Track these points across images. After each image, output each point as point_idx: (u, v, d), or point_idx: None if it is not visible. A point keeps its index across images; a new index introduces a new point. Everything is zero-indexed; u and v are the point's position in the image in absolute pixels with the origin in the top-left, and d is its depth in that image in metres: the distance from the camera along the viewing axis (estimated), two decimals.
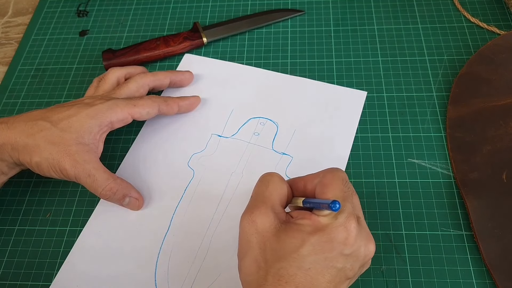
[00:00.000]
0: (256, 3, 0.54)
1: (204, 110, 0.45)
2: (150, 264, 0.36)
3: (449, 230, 0.37)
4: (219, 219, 0.38)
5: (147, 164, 0.42)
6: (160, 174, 0.41)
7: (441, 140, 0.42)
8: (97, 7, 0.56)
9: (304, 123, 0.43)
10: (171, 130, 0.44)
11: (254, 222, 0.29)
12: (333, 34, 0.50)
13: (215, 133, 0.43)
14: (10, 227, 0.40)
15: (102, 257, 0.37)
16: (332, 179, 0.30)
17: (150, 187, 0.40)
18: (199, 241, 0.37)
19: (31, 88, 0.49)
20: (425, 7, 0.52)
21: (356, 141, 0.42)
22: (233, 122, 0.44)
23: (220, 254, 0.36)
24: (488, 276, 0.35)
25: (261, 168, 0.40)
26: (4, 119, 0.37)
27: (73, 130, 0.36)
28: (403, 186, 0.39)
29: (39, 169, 0.36)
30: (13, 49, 0.53)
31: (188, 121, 0.44)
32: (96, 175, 0.36)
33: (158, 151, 0.43)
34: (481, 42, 0.48)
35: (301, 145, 0.42)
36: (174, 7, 0.55)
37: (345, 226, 0.27)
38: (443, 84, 0.45)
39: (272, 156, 0.42)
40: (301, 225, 0.28)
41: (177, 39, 0.49)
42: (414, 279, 0.35)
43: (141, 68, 0.46)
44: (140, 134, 0.44)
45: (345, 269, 0.28)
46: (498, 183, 0.38)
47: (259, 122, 0.44)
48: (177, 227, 0.38)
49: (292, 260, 0.27)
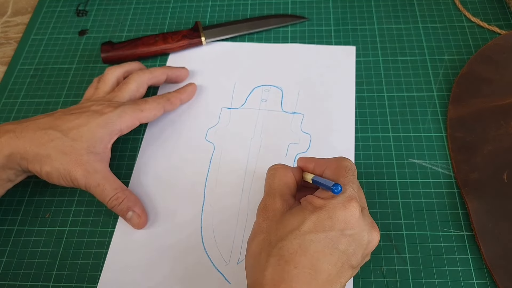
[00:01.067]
0: (256, 3, 0.54)
1: (208, 88, 0.47)
2: (195, 236, 0.38)
3: (449, 231, 0.37)
4: (251, 181, 0.40)
5: (166, 147, 0.43)
6: (181, 154, 0.42)
7: (442, 140, 0.42)
8: (97, 7, 0.56)
9: (306, 83, 0.46)
10: (180, 112, 0.45)
11: (266, 210, 0.31)
12: (333, 34, 0.50)
13: (224, 106, 0.45)
14: (9, 227, 0.40)
15: (146, 238, 0.38)
16: (335, 168, 0.32)
17: (174, 168, 0.41)
18: (237, 205, 0.39)
19: (30, 87, 0.49)
20: (426, 6, 0.52)
21: (356, 141, 0.42)
22: (238, 94, 0.46)
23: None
24: (489, 276, 0.35)
25: (277, 129, 0.43)
26: (10, 127, 0.37)
27: (84, 140, 0.36)
28: (403, 186, 0.39)
29: (49, 177, 0.36)
30: (12, 48, 0.53)
31: (195, 101, 0.46)
32: (105, 185, 0.36)
33: (172, 132, 0.44)
34: (482, 42, 0.48)
35: (308, 102, 0.45)
36: (174, 7, 0.55)
37: (344, 205, 0.28)
38: (444, 84, 0.45)
39: (284, 116, 0.44)
40: (303, 206, 0.29)
41: (176, 36, 0.49)
42: (414, 279, 0.35)
43: (138, 64, 0.46)
44: (150, 123, 0.45)
45: (347, 253, 0.28)
46: (499, 183, 0.38)
47: (263, 89, 0.46)
48: (212, 197, 0.40)
49: (293, 237, 0.28)
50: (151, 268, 0.36)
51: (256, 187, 0.40)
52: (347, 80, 0.46)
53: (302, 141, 0.42)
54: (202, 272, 0.36)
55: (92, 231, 0.39)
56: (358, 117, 0.44)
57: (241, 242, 0.37)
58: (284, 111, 0.44)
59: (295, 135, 0.43)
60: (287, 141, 0.42)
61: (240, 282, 0.35)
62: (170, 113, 0.45)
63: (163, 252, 0.37)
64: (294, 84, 0.46)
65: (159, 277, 0.36)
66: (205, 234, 0.38)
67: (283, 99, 0.45)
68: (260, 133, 0.43)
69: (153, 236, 0.38)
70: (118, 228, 0.39)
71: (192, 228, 0.38)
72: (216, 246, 0.37)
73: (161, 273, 0.36)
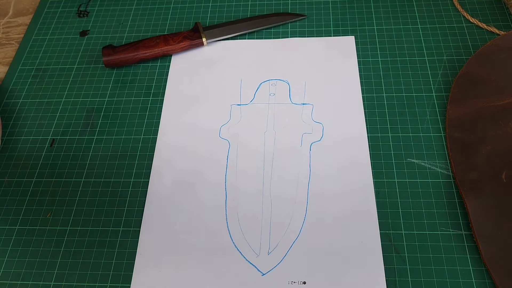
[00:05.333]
0: (256, 4, 0.54)
1: (215, 87, 0.47)
2: (222, 232, 0.38)
3: (448, 230, 0.37)
4: (270, 174, 0.41)
5: (181, 148, 0.43)
6: (197, 153, 0.43)
7: (441, 140, 0.42)
8: (98, 8, 0.56)
9: (311, 74, 0.47)
10: (192, 112, 0.46)
11: None
12: (333, 35, 0.50)
13: (234, 103, 0.46)
14: (11, 227, 0.40)
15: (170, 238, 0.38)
16: None
17: (192, 168, 0.42)
18: (260, 197, 0.40)
19: (31, 88, 0.49)
20: (425, 7, 0.52)
21: None
22: (246, 91, 0.47)
23: (284, 203, 0.39)
24: (487, 275, 0.35)
25: (289, 121, 0.44)
26: None
27: None
28: (402, 186, 0.40)
29: None
30: (14, 49, 0.53)
31: (204, 101, 0.46)
32: None
33: (186, 133, 0.44)
34: (481, 43, 0.48)
35: (316, 93, 0.46)
36: (174, 8, 0.55)
37: None
38: (443, 84, 0.45)
39: (294, 108, 0.45)
40: None
41: (176, 38, 0.49)
42: (413, 278, 0.35)
43: None
44: (161, 124, 0.45)
45: None
46: (497, 183, 0.38)
47: (270, 84, 0.47)
48: (234, 192, 0.40)
49: None
50: (181, 269, 0.37)
51: (276, 178, 0.41)
52: (350, 67, 0.47)
53: (315, 131, 0.43)
54: (234, 266, 0.36)
55: (93, 231, 0.39)
56: None
57: (268, 233, 0.38)
58: (294, 103, 0.45)
59: (307, 125, 0.43)
60: (300, 131, 0.43)
61: (273, 272, 0.36)
62: (181, 114, 0.45)
63: (191, 253, 0.37)
64: (299, 76, 0.47)
65: (191, 278, 0.36)
66: (232, 229, 0.38)
67: (291, 92, 0.46)
68: (273, 126, 0.44)
69: (179, 238, 0.38)
70: (143, 228, 0.39)
71: (218, 225, 0.39)
72: (245, 239, 0.38)
73: (192, 273, 0.36)
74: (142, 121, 0.45)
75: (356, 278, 0.35)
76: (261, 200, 0.40)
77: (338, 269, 0.35)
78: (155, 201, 0.40)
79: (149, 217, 0.39)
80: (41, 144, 0.45)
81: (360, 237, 0.37)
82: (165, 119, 0.45)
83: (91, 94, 0.48)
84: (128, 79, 0.49)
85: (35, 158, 0.44)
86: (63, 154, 0.44)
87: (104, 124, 0.46)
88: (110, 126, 0.45)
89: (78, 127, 0.46)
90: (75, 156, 0.44)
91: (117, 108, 0.47)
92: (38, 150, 0.44)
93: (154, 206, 0.40)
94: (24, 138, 0.45)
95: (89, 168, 0.43)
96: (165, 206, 0.40)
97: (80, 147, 0.44)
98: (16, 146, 0.45)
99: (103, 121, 0.46)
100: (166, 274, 0.36)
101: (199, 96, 0.47)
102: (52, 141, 0.45)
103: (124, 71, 0.49)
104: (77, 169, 0.43)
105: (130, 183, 0.42)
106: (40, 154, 0.44)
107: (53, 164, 0.43)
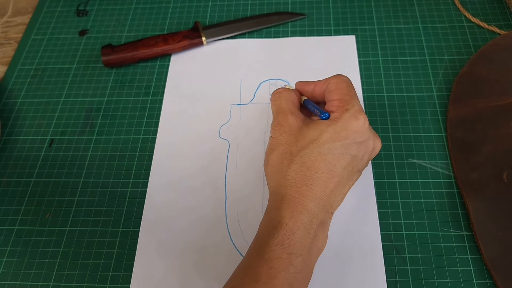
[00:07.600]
0: (256, 3, 0.54)
1: (215, 87, 0.47)
2: (222, 231, 0.38)
3: (449, 230, 0.37)
4: None
5: (180, 147, 0.43)
6: (196, 153, 0.43)
7: (442, 140, 0.42)
8: (97, 7, 0.56)
9: (311, 73, 0.46)
10: (191, 112, 0.45)
11: (281, 125, 0.35)
12: (333, 34, 0.50)
13: (233, 103, 0.46)
14: (10, 227, 0.40)
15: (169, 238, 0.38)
16: (337, 84, 0.35)
17: (191, 167, 0.42)
18: (259, 196, 0.39)
19: (30, 87, 0.49)
20: (426, 6, 0.52)
21: None
22: (246, 90, 0.46)
23: None
24: (488, 276, 0.35)
25: None
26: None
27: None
28: (403, 186, 0.39)
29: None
30: (13, 48, 0.53)
31: (204, 100, 0.46)
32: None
33: (185, 133, 0.44)
34: (482, 42, 0.48)
35: None
36: (174, 7, 0.55)
37: (356, 117, 0.32)
38: (444, 84, 0.45)
39: None
40: (320, 120, 0.33)
41: (176, 37, 0.49)
42: (414, 279, 0.35)
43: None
44: (161, 124, 0.45)
45: (357, 158, 0.33)
46: (498, 183, 0.38)
47: (270, 83, 0.47)
48: (233, 192, 0.40)
49: (314, 146, 0.32)
50: (180, 270, 0.36)
51: None
52: (350, 66, 0.47)
53: None
54: (234, 267, 0.36)
55: (92, 231, 0.39)
56: None
57: None
58: None
59: None
60: None
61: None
62: (181, 114, 0.45)
63: (190, 252, 0.37)
64: (299, 76, 0.47)
65: (191, 278, 0.36)
66: (232, 229, 0.38)
67: None
68: None
69: (179, 238, 0.38)
70: (142, 228, 0.39)
71: (217, 223, 0.38)
72: (244, 238, 0.38)
73: (192, 273, 0.36)
74: (142, 121, 0.45)
75: (357, 279, 0.35)
76: (261, 199, 0.39)
77: (339, 270, 0.35)
78: (155, 202, 0.40)
79: (149, 217, 0.39)
80: (40, 144, 0.45)
81: (360, 237, 0.37)
82: (164, 119, 0.45)
83: (90, 94, 0.48)
84: (127, 78, 0.49)
85: (34, 158, 0.44)
86: (62, 154, 0.44)
87: (103, 124, 0.45)
88: (109, 126, 0.45)
89: (77, 127, 0.46)
90: (74, 156, 0.44)
91: (116, 107, 0.46)
92: (37, 150, 0.44)
93: (153, 206, 0.40)
94: (23, 138, 0.45)
95: (88, 168, 0.43)
96: (164, 206, 0.40)
97: (79, 147, 0.44)
98: (15, 146, 0.45)
99: (102, 121, 0.46)
100: (165, 274, 0.36)
101: (198, 96, 0.46)
102: (51, 141, 0.45)
103: (124, 71, 0.49)
104: (76, 169, 0.43)
105: (129, 183, 0.41)
106: (39, 154, 0.44)
107: (52, 164, 0.43)
